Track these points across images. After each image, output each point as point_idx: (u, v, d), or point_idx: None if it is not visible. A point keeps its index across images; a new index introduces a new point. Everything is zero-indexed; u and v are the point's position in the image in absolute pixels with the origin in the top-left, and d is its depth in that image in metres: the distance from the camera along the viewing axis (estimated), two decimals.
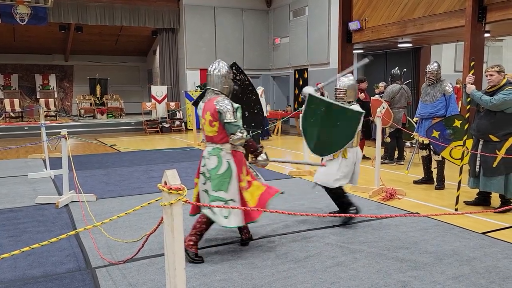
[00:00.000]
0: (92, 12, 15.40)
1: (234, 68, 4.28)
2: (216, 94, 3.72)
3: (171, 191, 1.90)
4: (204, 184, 3.71)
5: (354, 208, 4.57)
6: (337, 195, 4.63)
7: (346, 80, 4.66)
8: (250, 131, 4.18)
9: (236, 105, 3.67)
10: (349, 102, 4.56)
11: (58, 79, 20.49)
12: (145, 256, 3.71)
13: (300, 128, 4.72)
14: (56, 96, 18.81)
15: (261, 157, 3.90)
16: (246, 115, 4.32)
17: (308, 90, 4.77)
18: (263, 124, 5.13)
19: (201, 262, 3.60)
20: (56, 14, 14.86)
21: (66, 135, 5.55)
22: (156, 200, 2.12)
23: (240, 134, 3.61)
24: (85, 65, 20.53)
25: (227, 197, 3.61)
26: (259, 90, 12.74)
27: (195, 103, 4.13)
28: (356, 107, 4.49)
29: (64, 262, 3.66)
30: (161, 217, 2.03)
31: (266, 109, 12.92)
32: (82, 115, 18.02)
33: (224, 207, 3.40)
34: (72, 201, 5.54)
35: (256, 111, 4.47)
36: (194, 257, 3.61)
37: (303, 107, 4.74)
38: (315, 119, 4.55)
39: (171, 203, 1.91)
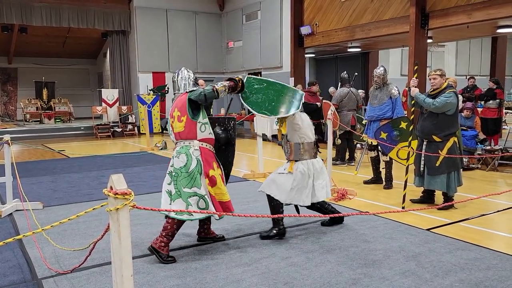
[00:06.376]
0: (37, 12, 14.74)
1: (232, 122, 4.08)
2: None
3: (117, 196, 1.86)
4: (169, 184, 3.70)
5: (280, 229, 4.21)
6: (273, 205, 4.24)
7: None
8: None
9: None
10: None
11: (1, 82, 19.51)
12: (95, 264, 3.61)
13: (243, 102, 4.22)
14: None
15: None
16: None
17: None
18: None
19: (174, 262, 3.64)
20: None
21: (10, 141, 5.31)
22: (102, 206, 2.07)
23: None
24: (31, 68, 19.64)
25: (203, 193, 3.66)
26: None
27: None
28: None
29: (8, 274, 3.48)
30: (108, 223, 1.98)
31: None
32: (27, 120, 17.25)
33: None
34: (16, 210, 5.29)
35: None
36: (166, 259, 3.64)
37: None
38: (257, 92, 4.15)
39: (117, 208, 1.87)
